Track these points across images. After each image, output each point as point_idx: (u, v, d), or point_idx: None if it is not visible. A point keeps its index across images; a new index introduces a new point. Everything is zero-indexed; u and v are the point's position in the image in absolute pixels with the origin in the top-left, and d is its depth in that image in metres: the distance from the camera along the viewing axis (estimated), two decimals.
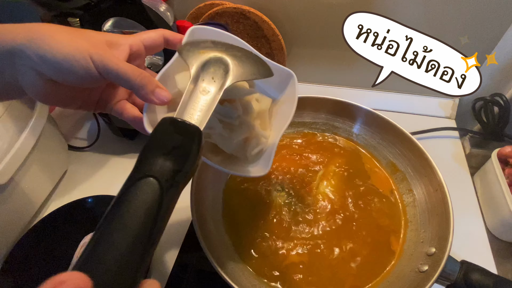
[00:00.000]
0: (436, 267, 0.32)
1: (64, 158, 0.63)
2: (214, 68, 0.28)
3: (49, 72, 0.25)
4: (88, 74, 0.26)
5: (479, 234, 0.51)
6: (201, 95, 0.26)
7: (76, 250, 0.48)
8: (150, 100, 0.27)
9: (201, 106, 0.26)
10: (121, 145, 0.67)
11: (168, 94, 0.28)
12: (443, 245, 0.33)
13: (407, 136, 0.44)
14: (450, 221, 0.34)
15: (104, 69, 0.26)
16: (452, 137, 0.66)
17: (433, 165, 0.40)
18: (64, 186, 0.61)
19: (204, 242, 0.33)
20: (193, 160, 0.23)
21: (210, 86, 0.27)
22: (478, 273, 0.31)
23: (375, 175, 0.47)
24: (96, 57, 0.25)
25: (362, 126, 0.50)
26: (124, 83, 0.27)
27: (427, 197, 0.41)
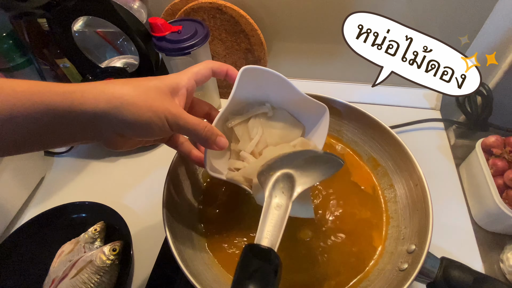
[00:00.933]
0: (415, 265, 0.31)
1: (40, 165, 0.61)
2: (283, 183, 0.32)
3: (129, 133, 0.29)
4: (163, 132, 0.29)
5: (464, 225, 0.51)
6: (275, 211, 0.30)
7: (53, 260, 0.47)
8: (213, 148, 0.32)
9: (275, 223, 0.29)
10: (101, 149, 0.65)
11: (226, 141, 0.32)
12: (422, 242, 0.32)
13: (386, 129, 0.43)
14: (430, 217, 0.33)
15: (177, 127, 0.29)
16: (437, 128, 0.65)
17: (412, 159, 0.39)
18: (41, 193, 0.59)
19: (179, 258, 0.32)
20: (272, 280, 0.26)
21: (281, 201, 0.31)
22: (458, 269, 0.30)
23: (356, 171, 0.46)
24: (170, 118, 0.29)
25: (341, 120, 0.49)
26: (193, 137, 0.31)
27: (408, 192, 0.40)
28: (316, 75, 0.73)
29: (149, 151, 0.64)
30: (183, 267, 0.31)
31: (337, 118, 0.49)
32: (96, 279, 0.43)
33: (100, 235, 0.48)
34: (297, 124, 0.41)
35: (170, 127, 0.29)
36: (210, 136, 0.31)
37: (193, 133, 0.30)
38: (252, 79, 0.35)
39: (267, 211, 0.30)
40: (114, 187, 0.59)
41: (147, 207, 0.55)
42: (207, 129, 0.31)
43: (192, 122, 0.30)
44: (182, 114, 0.29)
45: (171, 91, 0.30)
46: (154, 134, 0.29)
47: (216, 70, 0.34)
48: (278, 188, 0.31)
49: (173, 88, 0.30)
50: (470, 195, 0.55)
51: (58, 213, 0.52)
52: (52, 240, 0.49)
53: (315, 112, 0.39)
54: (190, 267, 0.33)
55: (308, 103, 0.38)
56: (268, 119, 0.39)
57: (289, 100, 0.39)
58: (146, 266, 0.47)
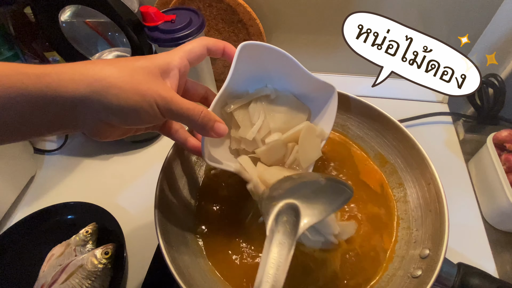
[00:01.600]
0: (430, 272, 0.28)
1: (30, 163, 0.58)
2: (286, 217, 0.28)
3: (114, 121, 0.25)
4: (154, 118, 0.26)
5: (475, 224, 0.48)
6: (277, 249, 0.26)
7: (43, 264, 0.45)
8: (211, 136, 0.29)
9: (278, 263, 0.26)
10: (93, 146, 0.62)
11: (225, 127, 0.29)
12: (437, 246, 0.30)
13: (395, 124, 0.40)
14: (445, 219, 0.31)
15: (169, 113, 0.26)
16: (445, 122, 0.62)
17: (424, 156, 0.36)
18: (31, 193, 0.57)
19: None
20: None
21: (285, 237, 0.27)
22: (478, 277, 0.28)
23: (364, 169, 0.43)
24: (161, 102, 0.26)
25: (346, 115, 0.46)
26: (188, 123, 0.28)
27: (419, 192, 0.37)
28: (318, 67, 0.70)
29: (144, 148, 0.61)
30: (177, 276, 0.29)
31: (341, 112, 0.46)
32: (87, 284, 0.41)
33: (92, 238, 0.46)
34: (302, 107, 0.38)
35: (161, 113, 0.26)
36: (207, 122, 0.28)
37: (188, 119, 0.27)
38: (252, 56, 0.32)
39: (269, 249, 0.26)
40: (107, 186, 0.56)
41: (141, 208, 0.52)
42: (204, 115, 0.27)
43: (186, 107, 0.27)
44: (175, 98, 0.26)
45: (162, 72, 0.27)
46: (143, 121, 0.26)
47: (212, 48, 0.30)
48: (281, 221, 0.28)
49: (164, 68, 0.27)
50: (480, 193, 0.52)
51: (49, 214, 0.50)
52: (42, 242, 0.47)
53: (322, 93, 0.36)
54: (185, 275, 0.31)
55: (315, 83, 0.35)
56: (271, 102, 0.36)
57: (294, 80, 0.36)
58: (140, 270, 0.44)
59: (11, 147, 0.54)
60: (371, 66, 0.45)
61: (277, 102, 0.36)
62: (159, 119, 0.27)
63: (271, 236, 0.27)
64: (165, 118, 0.27)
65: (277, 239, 0.27)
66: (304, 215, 0.27)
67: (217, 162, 0.34)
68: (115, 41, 0.62)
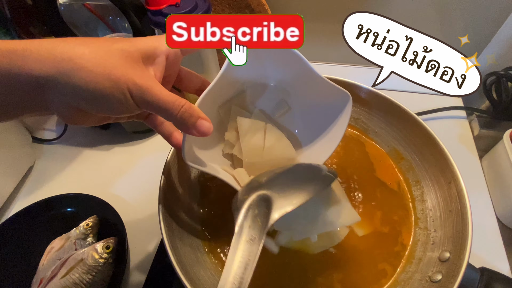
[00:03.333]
0: (452, 278, 0.26)
1: (29, 152, 0.56)
2: (258, 210, 0.26)
3: (83, 105, 0.23)
4: (127, 108, 0.24)
5: (489, 223, 0.47)
6: (248, 246, 0.25)
7: (42, 257, 0.43)
8: (191, 133, 0.26)
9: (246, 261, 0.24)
10: (94, 135, 0.60)
11: (210, 125, 0.26)
12: (459, 250, 0.28)
13: (414, 118, 0.38)
14: (468, 221, 0.29)
15: (144, 103, 0.24)
16: (459, 117, 0.60)
17: (445, 153, 0.34)
18: (31, 183, 0.55)
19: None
20: None
21: (255, 232, 0.25)
22: (504, 284, 0.26)
23: (380, 166, 0.41)
24: (135, 91, 0.23)
25: (360, 107, 0.43)
26: (165, 117, 0.25)
27: (439, 190, 0.35)
28: (328, 57, 0.67)
29: (147, 139, 0.59)
30: (180, 274, 0.27)
31: (354, 105, 0.43)
32: (88, 279, 0.40)
33: (93, 231, 0.45)
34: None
35: (136, 103, 0.24)
36: (188, 118, 0.25)
37: (165, 112, 0.24)
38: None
39: (237, 246, 0.24)
40: (108, 177, 0.54)
41: (143, 200, 0.51)
42: (184, 109, 0.24)
43: (164, 99, 0.24)
44: (152, 87, 0.24)
45: (145, 57, 0.24)
46: (114, 109, 0.24)
47: None
48: (252, 215, 0.26)
49: (148, 54, 0.25)
50: (494, 191, 0.50)
51: (48, 206, 0.49)
52: (41, 235, 0.46)
53: (331, 101, 0.33)
54: (189, 273, 0.29)
55: (324, 87, 0.32)
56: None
57: (298, 80, 0.33)
58: (143, 264, 0.43)
59: (8, 136, 0.52)
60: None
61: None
62: (134, 109, 0.24)
63: (240, 232, 0.25)
64: (141, 109, 0.24)
65: (247, 234, 0.25)
66: (277, 205, 0.26)
67: (200, 163, 0.31)
68: (116, 26, 0.59)
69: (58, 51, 0.21)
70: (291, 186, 0.27)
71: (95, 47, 0.22)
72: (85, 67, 0.22)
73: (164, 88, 0.24)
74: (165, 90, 0.24)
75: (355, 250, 0.34)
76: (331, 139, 0.33)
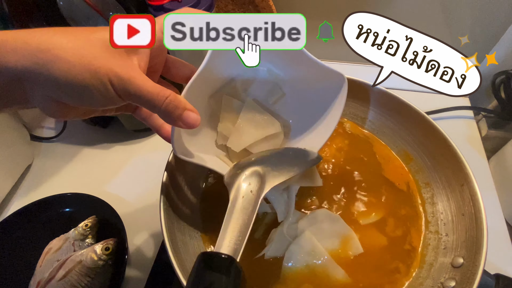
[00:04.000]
0: (467, 284, 0.25)
1: (27, 151, 0.55)
2: (251, 182, 0.28)
3: (63, 98, 0.22)
4: (109, 100, 0.23)
5: (497, 226, 0.45)
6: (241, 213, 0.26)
7: (39, 258, 0.42)
8: (178, 125, 0.25)
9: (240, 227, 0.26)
10: (93, 133, 0.59)
11: (197, 116, 0.25)
12: (474, 256, 0.27)
13: (424, 117, 0.37)
14: (483, 226, 0.28)
15: (127, 94, 0.23)
16: (466, 117, 0.59)
17: (458, 155, 0.33)
18: (29, 182, 0.54)
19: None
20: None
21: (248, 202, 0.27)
22: None
23: (388, 167, 0.40)
24: (116, 81, 0.22)
25: (366, 106, 0.42)
26: (150, 109, 0.24)
27: (450, 193, 0.34)
28: (332, 55, 0.66)
29: (147, 137, 0.58)
30: (181, 277, 0.26)
31: (360, 103, 0.42)
32: (86, 281, 0.39)
33: (92, 231, 0.44)
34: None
35: (118, 94, 0.23)
36: (173, 110, 0.24)
37: (149, 103, 0.23)
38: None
39: (231, 214, 0.26)
40: (107, 177, 0.53)
41: (144, 201, 0.49)
42: (169, 100, 0.23)
43: (147, 90, 0.23)
44: (134, 78, 0.23)
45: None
46: (96, 101, 0.23)
47: None
48: (246, 188, 0.28)
49: None
50: (502, 193, 0.49)
51: (46, 206, 0.48)
52: (39, 235, 0.45)
53: (326, 85, 0.32)
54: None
55: (319, 70, 0.31)
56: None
57: (291, 64, 0.31)
58: (143, 267, 0.42)
59: (6, 134, 0.51)
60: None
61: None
62: (117, 101, 0.23)
63: (234, 201, 0.27)
64: (124, 100, 0.23)
65: (241, 204, 0.27)
66: (269, 178, 0.28)
67: (190, 155, 0.30)
68: None
69: (34, 41, 0.21)
70: (281, 164, 0.30)
71: (73, 37, 0.21)
72: (63, 58, 0.21)
73: (148, 79, 0.23)
74: (149, 81, 0.23)
75: (362, 254, 0.33)
76: (327, 124, 0.33)
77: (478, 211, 0.29)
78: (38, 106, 0.23)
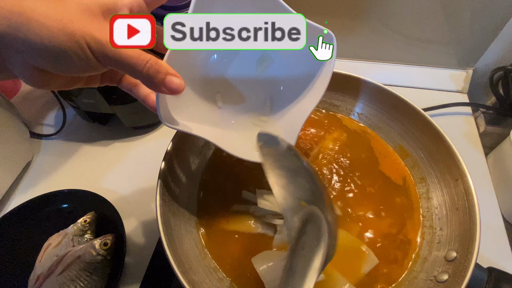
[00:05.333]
0: (459, 278, 0.26)
1: (26, 148, 0.55)
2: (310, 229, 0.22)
3: (42, 64, 0.22)
4: (88, 64, 0.22)
5: (494, 222, 0.46)
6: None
7: (39, 254, 0.43)
8: (161, 91, 0.24)
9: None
10: (93, 130, 0.59)
11: (180, 81, 0.24)
12: (467, 249, 0.27)
13: (420, 113, 0.37)
14: (476, 220, 0.28)
15: (105, 59, 0.22)
16: (464, 113, 0.59)
17: (452, 150, 0.33)
18: (28, 179, 0.54)
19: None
20: None
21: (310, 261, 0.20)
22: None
23: (384, 161, 0.40)
24: (94, 45, 0.21)
25: (363, 102, 0.42)
26: (129, 73, 0.23)
27: (445, 188, 0.34)
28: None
29: (146, 134, 0.58)
30: (177, 270, 0.26)
31: (358, 99, 0.42)
32: (85, 276, 0.39)
33: (91, 227, 0.44)
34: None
35: (96, 58, 0.22)
36: (155, 74, 0.23)
37: (129, 68, 0.23)
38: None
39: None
40: (107, 174, 0.53)
41: (143, 198, 0.50)
42: (150, 64, 0.23)
43: (126, 53, 0.22)
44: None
45: (105, 11, 0.23)
46: (76, 67, 0.22)
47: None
48: (308, 235, 0.22)
49: (109, 7, 0.23)
50: (500, 189, 0.49)
51: (46, 202, 0.48)
52: (39, 231, 0.45)
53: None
54: (186, 269, 0.29)
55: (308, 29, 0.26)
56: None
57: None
58: (141, 262, 0.42)
59: (5, 131, 0.51)
60: (386, 52, 0.42)
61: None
62: (97, 66, 0.23)
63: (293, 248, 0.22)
64: (103, 65, 0.23)
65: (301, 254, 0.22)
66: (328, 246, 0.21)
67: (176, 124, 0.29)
68: None
69: (7, 4, 0.20)
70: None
71: (47, 1, 0.21)
72: (37, 21, 0.20)
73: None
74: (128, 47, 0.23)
75: (357, 248, 0.33)
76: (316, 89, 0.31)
77: (472, 205, 0.29)
78: (19, 75, 0.23)
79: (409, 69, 0.64)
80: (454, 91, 0.62)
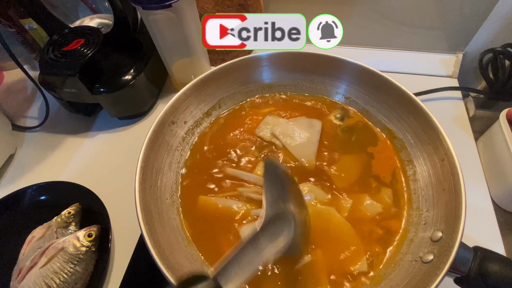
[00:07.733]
0: (444, 257, 0.25)
1: (9, 141, 0.54)
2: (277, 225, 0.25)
3: None
4: None
5: (483, 205, 0.45)
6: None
7: (22, 246, 0.42)
8: None
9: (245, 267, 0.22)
10: (77, 122, 0.58)
11: None
12: (452, 229, 0.27)
13: (407, 94, 0.36)
14: (462, 198, 0.27)
15: None
16: (454, 98, 0.58)
17: (439, 130, 0.32)
18: (12, 172, 0.53)
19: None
20: None
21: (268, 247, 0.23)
22: (499, 263, 0.25)
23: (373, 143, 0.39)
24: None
25: (349, 85, 0.41)
26: None
27: (431, 169, 0.34)
28: None
29: (132, 125, 0.57)
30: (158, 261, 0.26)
31: (342, 82, 0.41)
32: (69, 268, 0.38)
33: (75, 219, 0.43)
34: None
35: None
36: None
37: None
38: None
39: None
40: (92, 165, 0.52)
41: (128, 188, 0.48)
42: None
43: None
44: None
45: None
46: None
47: None
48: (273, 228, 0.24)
49: None
50: (490, 173, 0.49)
51: (29, 194, 0.47)
52: (22, 224, 0.44)
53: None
54: (168, 258, 0.28)
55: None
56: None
57: None
58: (127, 253, 0.41)
59: None
60: (376, 38, 0.40)
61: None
62: None
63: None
64: None
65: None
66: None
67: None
68: (97, 7, 0.56)
69: None
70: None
71: None
72: None
73: None
74: None
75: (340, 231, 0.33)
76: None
77: (458, 184, 0.29)
78: None
79: (399, 54, 0.63)
80: (444, 76, 0.61)
